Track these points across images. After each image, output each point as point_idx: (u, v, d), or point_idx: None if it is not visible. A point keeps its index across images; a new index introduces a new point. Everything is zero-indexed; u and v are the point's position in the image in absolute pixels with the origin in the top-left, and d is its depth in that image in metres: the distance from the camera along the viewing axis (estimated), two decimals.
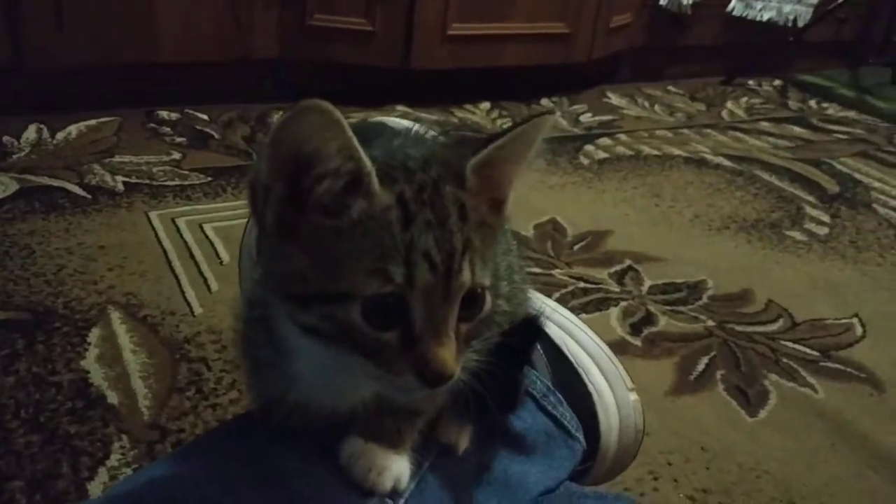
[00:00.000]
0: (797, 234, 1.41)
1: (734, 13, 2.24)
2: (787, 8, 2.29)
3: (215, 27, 1.60)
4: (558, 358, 0.59)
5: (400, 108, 1.78)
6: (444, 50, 1.76)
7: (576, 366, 0.59)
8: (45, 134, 1.46)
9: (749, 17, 2.25)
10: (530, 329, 0.53)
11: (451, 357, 0.38)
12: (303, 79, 1.75)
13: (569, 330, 0.60)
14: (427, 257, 0.38)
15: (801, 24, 2.30)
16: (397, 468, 0.47)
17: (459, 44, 1.77)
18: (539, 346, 0.59)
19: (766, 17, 2.27)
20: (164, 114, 1.62)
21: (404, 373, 0.39)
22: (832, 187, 1.64)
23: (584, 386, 0.58)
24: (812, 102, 2.24)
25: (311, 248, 0.39)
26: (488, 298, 0.41)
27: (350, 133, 0.37)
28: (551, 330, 0.60)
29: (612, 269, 1.22)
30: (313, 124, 0.37)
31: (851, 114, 2.18)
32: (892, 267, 1.34)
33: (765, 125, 1.99)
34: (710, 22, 2.25)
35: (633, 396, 0.61)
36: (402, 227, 0.38)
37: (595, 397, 0.59)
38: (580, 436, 0.59)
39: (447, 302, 0.39)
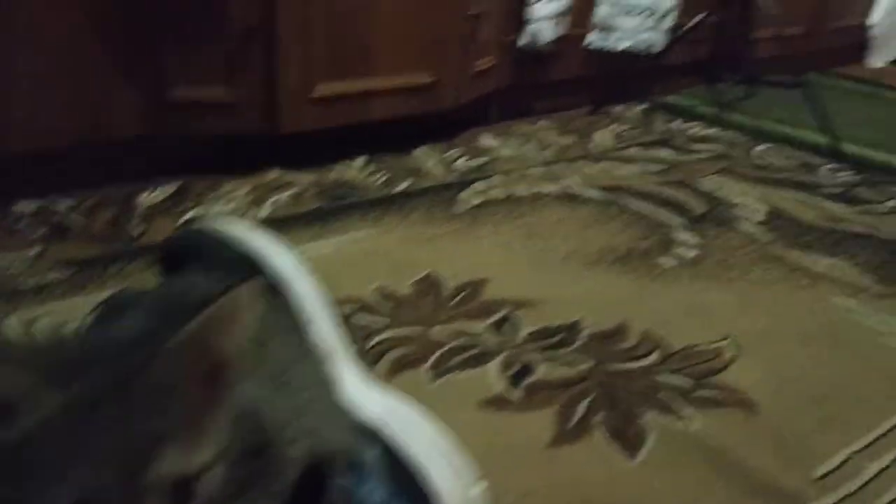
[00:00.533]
0: (668, 261, 1.46)
1: (592, 46, 2.32)
2: (643, 36, 2.39)
3: (69, 110, 1.54)
4: (396, 462, 0.58)
5: (273, 173, 1.76)
6: (311, 111, 1.75)
7: (415, 468, 0.58)
8: None
9: (607, 49, 2.34)
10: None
11: None
12: (168, 154, 1.70)
13: (407, 429, 0.59)
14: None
15: (657, 49, 2.41)
16: None
17: (326, 104, 1.77)
18: (378, 450, 0.57)
19: (623, 47, 2.37)
20: (21, 207, 1.55)
21: None
22: (699, 208, 1.71)
23: (426, 488, 0.57)
24: (676, 124, 2.33)
25: None
26: (215, 471, 0.39)
27: None
28: (390, 430, 0.59)
29: (491, 320, 1.22)
30: None
31: (713, 131, 2.28)
32: (758, 283, 1.40)
33: (632, 151, 2.06)
34: (572, 56, 2.32)
35: (479, 489, 0.60)
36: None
37: (438, 499, 0.58)
38: None
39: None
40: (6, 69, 1.46)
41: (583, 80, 2.40)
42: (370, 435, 0.51)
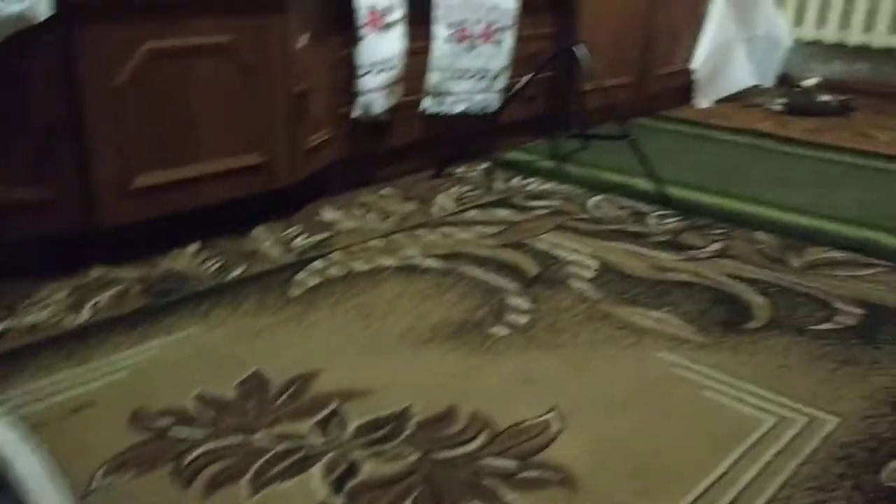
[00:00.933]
0: (500, 330, 1.47)
1: (428, 112, 2.36)
2: (477, 98, 2.45)
3: None
4: None
5: (96, 271, 1.67)
6: (133, 204, 1.69)
7: None
8: None
9: (443, 113, 2.38)
10: None
11: None
12: None
13: None
14: None
15: (493, 109, 2.47)
16: None
17: (149, 194, 1.70)
18: None
19: (458, 110, 2.42)
20: None
21: None
22: (532, 269, 1.74)
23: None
24: (516, 181, 2.39)
25: None
26: None
27: None
28: None
29: (317, 418, 1.19)
30: None
31: (551, 185, 2.35)
32: (586, 346, 1.43)
33: (472, 214, 2.09)
34: (411, 121, 2.35)
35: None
36: None
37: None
38: None
39: None
40: None
41: (424, 144, 2.42)
42: None
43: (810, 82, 3.35)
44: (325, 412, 1.20)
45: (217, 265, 1.73)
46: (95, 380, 1.29)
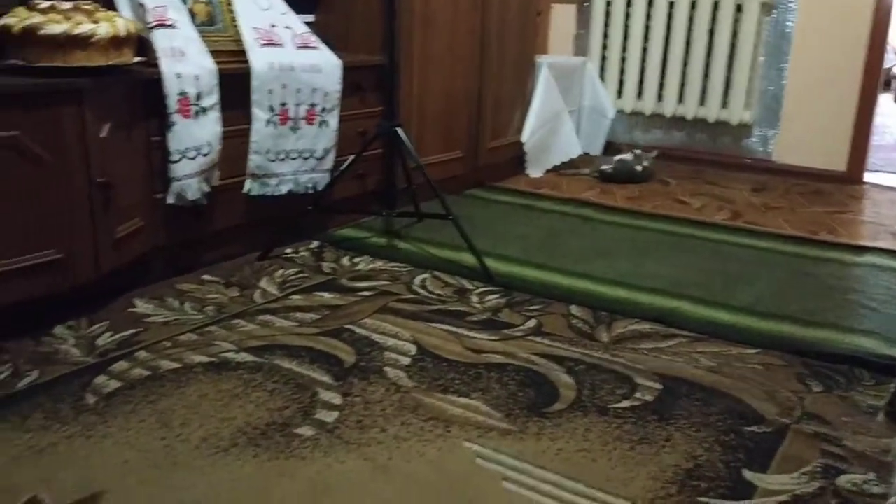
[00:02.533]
0: (306, 430, 1.44)
1: (252, 193, 2.32)
2: (304, 178, 2.44)
3: None
4: None
5: None
6: None
7: None
8: None
9: (268, 195, 2.35)
10: None
11: None
12: None
13: None
14: None
15: (321, 188, 2.46)
16: None
17: None
18: None
19: (284, 191, 2.39)
20: None
21: None
22: (349, 358, 1.72)
23: None
24: (345, 260, 2.38)
25: None
26: None
27: None
28: None
29: None
30: None
31: (380, 264, 2.36)
32: (393, 441, 1.41)
33: (295, 299, 2.06)
34: (234, 203, 2.30)
35: None
36: None
37: None
38: None
39: None
40: None
41: (249, 227, 2.38)
42: None
43: (635, 152, 3.56)
44: None
45: (7, 372, 1.61)
46: None
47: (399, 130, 2.42)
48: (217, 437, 1.40)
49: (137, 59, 1.94)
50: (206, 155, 2.11)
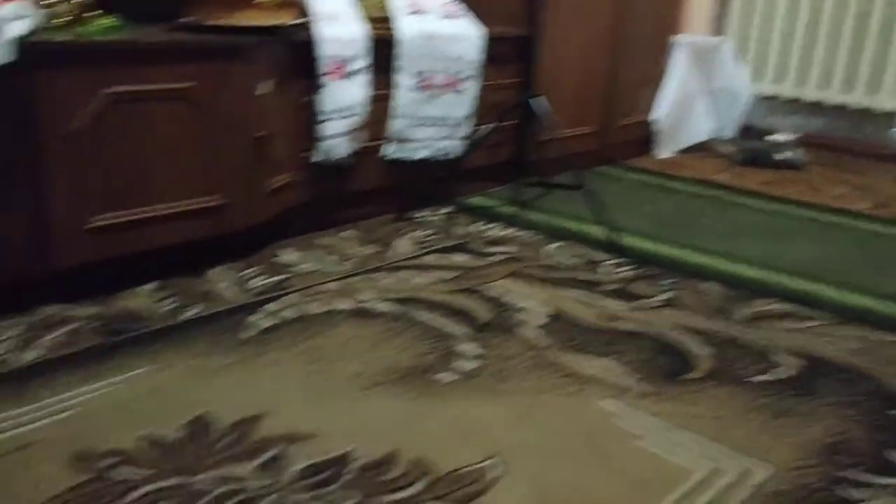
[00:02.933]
0: (446, 376, 1.49)
1: (389, 157, 2.40)
2: (439, 144, 2.51)
3: None
4: None
5: (51, 309, 1.68)
6: (88, 243, 1.70)
7: None
8: None
9: (404, 159, 2.43)
10: None
11: None
12: None
13: None
14: None
15: (455, 156, 2.52)
16: None
17: (104, 234, 1.72)
18: None
19: (420, 156, 2.46)
20: None
21: None
22: (483, 316, 1.77)
23: None
24: (477, 226, 2.43)
25: None
26: None
27: None
28: None
29: (260, 461, 1.20)
30: None
31: (511, 231, 2.40)
32: (530, 393, 1.45)
33: (429, 259, 2.13)
34: (373, 166, 2.39)
35: None
36: None
37: None
38: None
39: None
40: None
41: (386, 189, 2.47)
42: None
43: (773, 137, 3.44)
44: (267, 455, 1.22)
45: (172, 305, 1.75)
46: (41, 419, 1.29)
47: (538, 101, 2.44)
48: (364, 375, 1.48)
49: (298, 20, 2.04)
50: (352, 117, 2.20)
